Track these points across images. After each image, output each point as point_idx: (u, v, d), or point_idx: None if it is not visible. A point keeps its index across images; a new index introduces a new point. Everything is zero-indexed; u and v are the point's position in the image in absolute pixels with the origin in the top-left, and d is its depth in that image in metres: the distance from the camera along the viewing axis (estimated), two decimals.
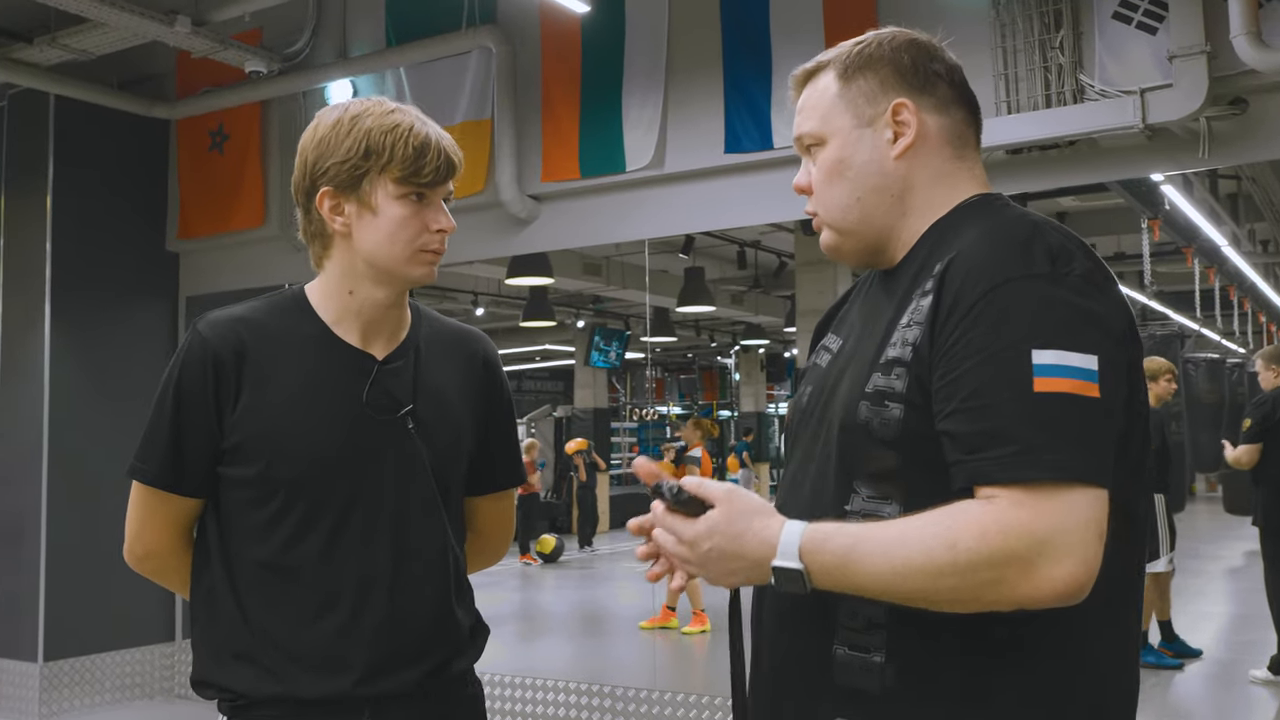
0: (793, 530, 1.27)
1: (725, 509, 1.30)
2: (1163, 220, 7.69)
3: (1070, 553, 1.19)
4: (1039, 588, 1.19)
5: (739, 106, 5.02)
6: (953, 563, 1.20)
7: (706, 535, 1.30)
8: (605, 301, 10.98)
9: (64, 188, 6.41)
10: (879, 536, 1.25)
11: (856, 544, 1.25)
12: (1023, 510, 1.19)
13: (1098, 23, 4.33)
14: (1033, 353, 1.22)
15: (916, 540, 1.22)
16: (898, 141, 1.44)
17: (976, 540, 1.19)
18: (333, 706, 1.72)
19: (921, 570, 1.21)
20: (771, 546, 1.27)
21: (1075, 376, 1.22)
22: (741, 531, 1.29)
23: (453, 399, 1.87)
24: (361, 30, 6.05)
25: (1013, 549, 1.19)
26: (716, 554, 1.30)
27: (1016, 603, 1.21)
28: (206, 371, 1.74)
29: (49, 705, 6.16)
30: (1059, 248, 1.30)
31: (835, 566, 1.26)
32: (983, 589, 1.20)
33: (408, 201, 1.75)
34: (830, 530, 1.27)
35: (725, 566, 1.31)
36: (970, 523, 1.21)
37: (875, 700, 1.32)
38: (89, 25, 5.44)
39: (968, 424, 1.24)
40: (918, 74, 1.45)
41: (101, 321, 6.55)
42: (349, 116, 1.76)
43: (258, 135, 6.42)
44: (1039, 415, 1.21)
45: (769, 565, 1.27)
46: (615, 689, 5.44)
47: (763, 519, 1.29)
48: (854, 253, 1.51)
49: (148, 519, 1.81)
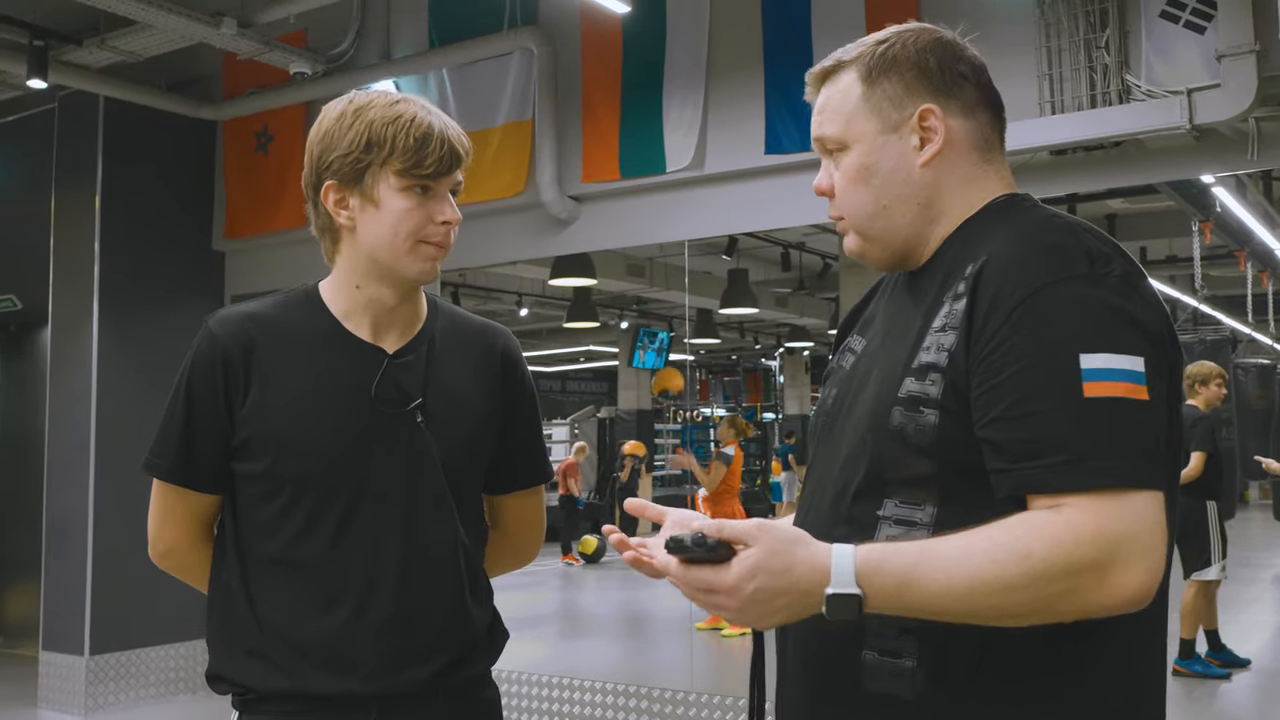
0: (844, 554, 1.20)
1: (764, 544, 1.21)
2: (1214, 223, 7.55)
3: (1142, 557, 1.16)
4: (1113, 594, 1.16)
5: (780, 107, 4.99)
6: (1027, 574, 1.16)
7: (749, 576, 1.20)
8: (649, 303, 10.98)
9: (113, 188, 6.51)
10: (940, 552, 1.20)
11: (917, 563, 1.20)
12: (1093, 516, 1.16)
13: (1145, 22, 4.26)
14: (1080, 357, 1.20)
15: (984, 554, 1.18)
16: (924, 149, 1.41)
17: (1051, 549, 1.16)
18: (340, 703, 1.71)
19: (992, 585, 1.17)
20: (825, 573, 1.20)
21: (1125, 380, 1.20)
22: (788, 566, 1.20)
23: (467, 393, 1.84)
24: (405, 32, 6.09)
25: (1088, 556, 1.15)
26: (762, 595, 1.20)
27: (1087, 612, 1.18)
28: (215, 368, 1.74)
29: (94, 698, 6.26)
30: (1096, 250, 1.27)
31: (894, 589, 1.20)
32: (1056, 599, 1.17)
33: (411, 194, 1.73)
34: (885, 551, 1.22)
35: (770, 606, 1.22)
36: (1041, 532, 1.17)
37: (906, 706, 1.30)
38: (137, 27, 5.52)
39: (1014, 431, 1.21)
40: (943, 77, 1.42)
41: (149, 320, 6.64)
42: (353, 109, 1.74)
43: (302, 136, 6.41)
44: (1092, 421, 1.18)
45: (821, 593, 1.20)
46: (655, 690, 5.43)
47: (805, 547, 1.22)
48: (880, 258, 1.48)
49: (166, 515, 1.83)
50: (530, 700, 5.75)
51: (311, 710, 1.72)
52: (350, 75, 6.02)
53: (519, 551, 2.05)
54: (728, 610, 1.22)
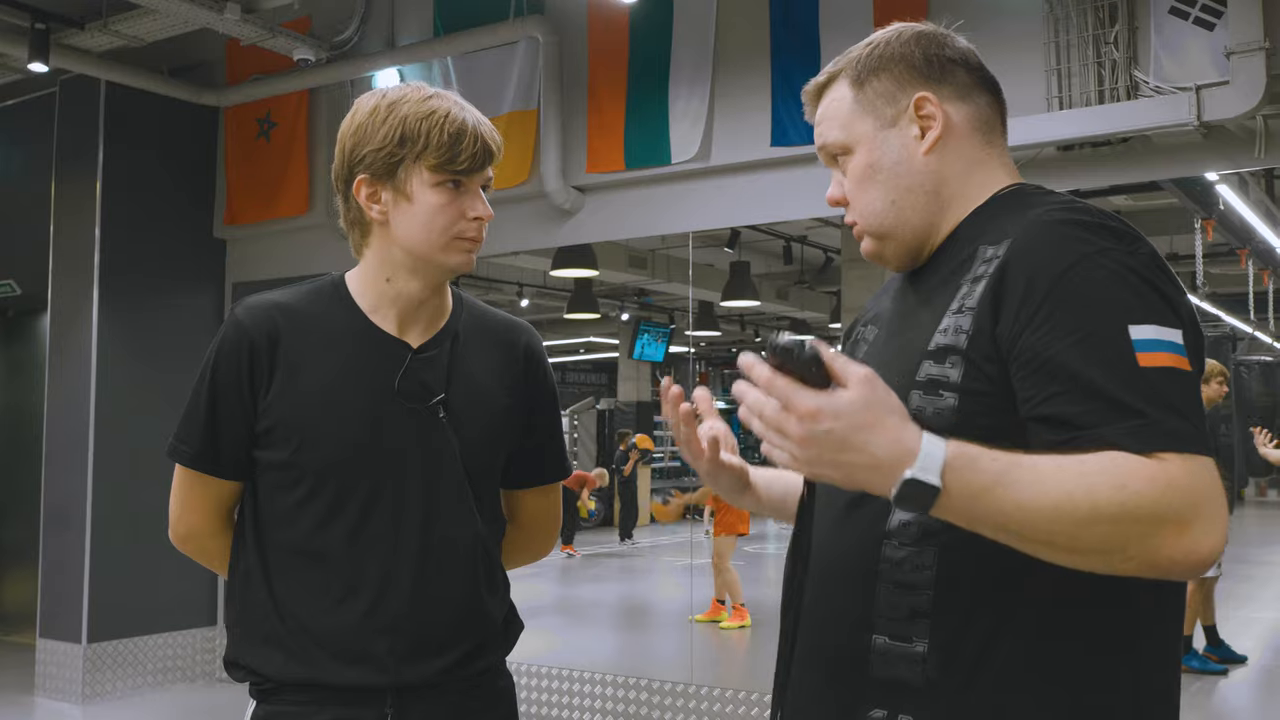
0: (936, 443, 1.13)
1: (864, 392, 1.12)
2: (1217, 221, 7.55)
3: (1215, 521, 1.15)
4: (1186, 550, 1.13)
5: (786, 99, 4.97)
6: (1120, 504, 1.12)
7: (832, 413, 1.11)
8: (650, 295, 10.96)
9: (114, 173, 6.48)
10: (1037, 465, 1.15)
11: (1010, 469, 1.13)
12: (1187, 472, 1.14)
13: (1153, 18, 4.24)
14: (1130, 328, 1.19)
15: (1080, 475, 1.13)
16: (925, 136, 1.42)
17: (1147, 485, 1.12)
18: (356, 694, 1.72)
19: (1081, 508, 1.12)
20: (909, 452, 1.11)
21: (1172, 350, 1.20)
22: (873, 424, 1.11)
23: (490, 389, 1.85)
24: (409, 19, 6.07)
25: (1176, 505, 1.13)
26: (835, 439, 1.11)
27: (1155, 564, 1.15)
28: (241, 356, 1.75)
29: (92, 686, 6.25)
30: (1120, 229, 1.28)
31: (981, 490, 1.13)
32: (1133, 541, 1.13)
33: (444, 189, 1.74)
34: (978, 451, 1.14)
35: (835, 456, 1.12)
36: (1139, 469, 1.13)
37: (917, 692, 1.29)
38: (140, 11, 5.50)
39: (1076, 404, 1.19)
40: (932, 65, 1.43)
41: (149, 306, 6.62)
42: (386, 103, 1.76)
43: (304, 123, 6.46)
44: (1151, 389, 1.17)
45: (899, 474, 1.11)
46: (654, 682, 5.43)
47: (902, 418, 1.14)
48: (896, 255, 1.48)
49: (188, 500, 1.84)
50: (530, 692, 5.75)
51: (328, 700, 1.72)
52: (354, 62, 6.00)
53: (535, 546, 2.07)
54: (790, 439, 1.13)
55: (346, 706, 1.72)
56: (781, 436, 1.13)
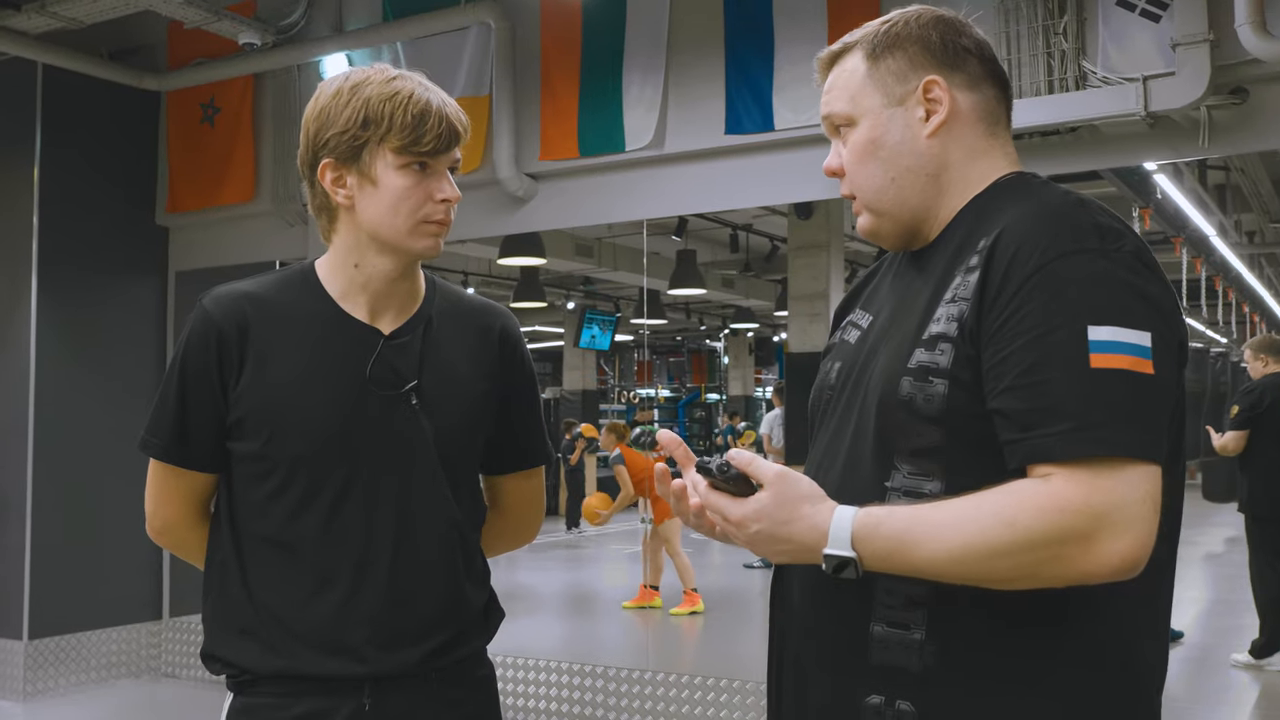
0: (843, 516, 1.27)
1: (774, 492, 1.29)
2: (1153, 209, 7.72)
3: (1128, 528, 1.19)
4: (1098, 563, 1.19)
5: (740, 87, 4.99)
6: (1011, 541, 1.19)
7: (754, 518, 1.29)
8: (596, 283, 10.95)
9: (51, 159, 6.32)
10: (933, 519, 1.24)
11: (910, 528, 1.24)
12: (1080, 486, 1.19)
13: (1101, 9, 4.32)
14: (1088, 329, 1.22)
15: (973, 521, 1.21)
16: (930, 119, 1.43)
17: (1034, 518, 1.19)
18: (334, 684, 1.71)
19: (979, 551, 1.21)
20: (822, 534, 1.27)
21: (1130, 353, 1.22)
22: (790, 518, 1.28)
23: (464, 374, 1.83)
24: (358, 3, 5.97)
25: (1071, 525, 1.18)
26: (764, 536, 1.29)
27: (1074, 579, 1.21)
28: (210, 347, 1.73)
29: (34, 684, 6.11)
30: (1106, 225, 1.30)
31: (889, 552, 1.25)
32: (1041, 566, 1.20)
33: (409, 171, 1.72)
34: (881, 515, 1.27)
35: (774, 548, 1.31)
36: (1027, 501, 1.20)
37: (914, 678, 1.31)
38: None
39: (1022, 401, 1.23)
40: (947, 51, 1.45)
41: (89, 296, 6.47)
42: (349, 86, 1.73)
43: (250, 109, 6.35)
44: (1095, 392, 1.21)
45: (820, 551, 1.27)
46: (607, 669, 5.44)
47: (812, 505, 1.28)
48: (892, 234, 1.50)
49: (162, 493, 1.82)
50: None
51: (306, 691, 1.71)
52: (301, 47, 5.91)
53: (518, 532, 2.06)
54: (737, 540, 1.33)
55: (325, 697, 1.70)
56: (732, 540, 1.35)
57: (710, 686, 5.12)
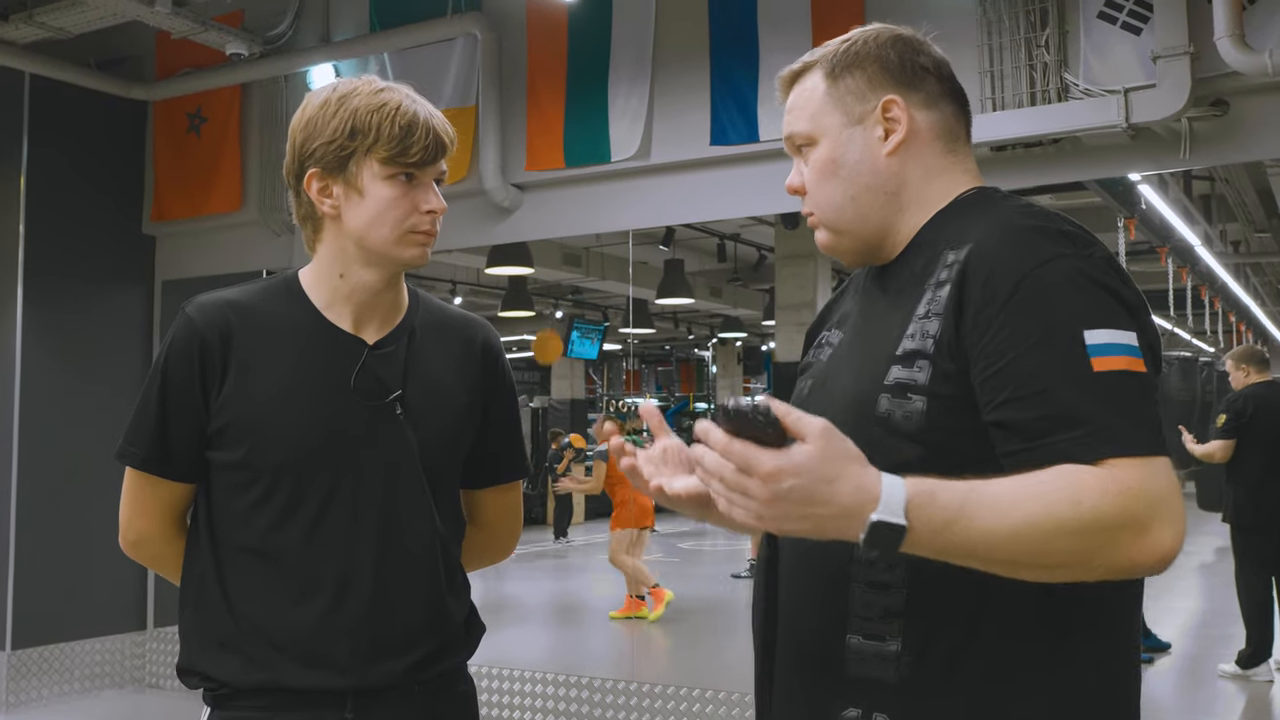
0: (895, 483, 1.15)
1: (821, 445, 1.13)
2: (1138, 220, 7.74)
3: (1174, 518, 1.18)
4: (1149, 551, 1.17)
5: (725, 99, 5.00)
6: (1077, 520, 1.15)
7: (794, 470, 1.12)
8: (584, 293, 10.95)
9: (38, 168, 6.32)
10: (992, 492, 1.17)
11: (968, 500, 1.16)
12: (1136, 474, 1.18)
13: (1083, 22, 4.35)
14: (1085, 333, 1.22)
15: (1037, 497, 1.16)
16: (889, 138, 1.44)
17: (1099, 498, 1.16)
18: (314, 697, 1.69)
19: (1043, 528, 1.16)
20: (873, 497, 1.13)
21: (1126, 354, 1.23)
22: (837, 475, 1.13)
23: (447, 385, 1.83)
24: (345, 14, 6.00)
25: (1133, 510, 1.16)
26: (799, 494, 1.13)
27: (1121, 567, 1.19)
28: (192, 355, 1.72)
29: (16, 694, 6.09)
30: (1075, 233, 1.31)
31: (944, 524, 1.15)
32: (1097, 551, 1.17)
33: (396, 182, 1.72)
34: (935, 485, 1.17)
35: (801, 510, 1.14)
36: (1089, 483, 1.17)
37: (890, 690, 1.31)
38: (67, 3, 5.36)
39: (1029, 411, 1.22)
40: (905, 70, 1.46)
41: (75, 305, 6.46)
42: (337, 96, 1.74)
43: (237, 119, 6.35)
44: (1106, 394, 1.21)
45: (865, 518, 1.13)
46: (593, 680, 5.44)
47: (861, 465, 1.16)
48: (851, 251, 1.51)
49: (139, 504, 1.80)
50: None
51: (286, 705, 1.69)
52: (288, 57, 5.92)
53: (497, 546, 2.05)
54: (751, 501, 1.14)
55: (306, 710, 1.69)
56: (745, 498, 1.14)
57: (695, 697, 5.12)
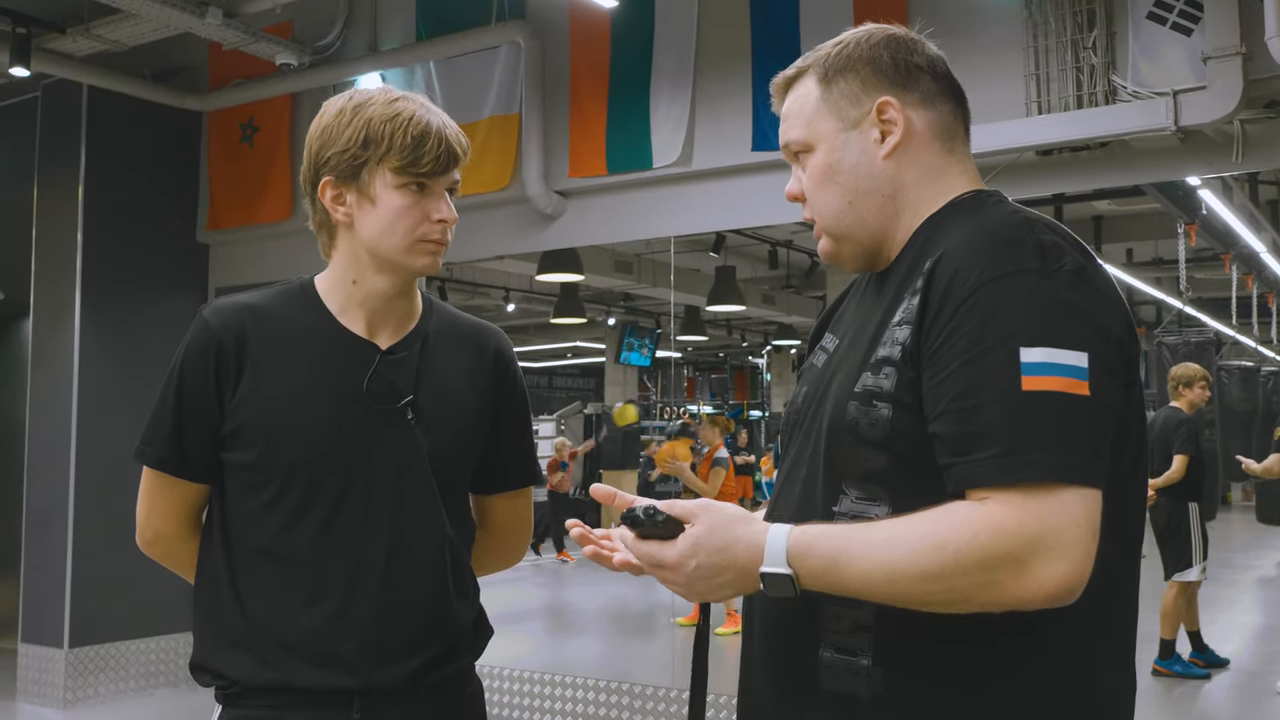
0: (778, 535, 1.25)
1: (706, 521, 1.28)
2: (1200, 225, 7.58)
3: (1063, 553, 1.16)
4: (1031, 588, 1.17)
5: (767, 104, 4.93)
6: (941, 564, 1.17)
7: (691, 553, 1.27)
8: (636, 299, 10.97)
9: (95, 178, 6.46)
10: (866, 539, 1.23)
11: (845, 547, 1.23)
12: (1013, 510, 1.17)
13: (1132, 23, 4.26)
14: (1021, 350, 1.20)
15: (904, 543, 1.20)
16: (885, 141, 1.42)
17: (967, 542, 1.17)
18: (323, 697, 1.71)
19: (910, 573, 1.19)
20: (759, 551, 1.25)
21: (1064, 374, 1.20)
22: (726, 542, 1.27)
23: (459, 391, 1.85)
24: (392, 24, 6.07)
25: (1005, 549, 1.16)
26: (704, 569, 1.27)
27: (1008, 604, 1.18)
28: (208, 357, 1.75)
29: (73, 691, 6.22)
30: (1050, 244, 1.27)
31: (823, 570, 1.23)
32: (974, 590, 1.18)
33: (407, 191, 1.74)
34: (816, 533, 1.25)
35: (713, 581, 1.28)
36: (960, 524, 1.18)
37: (863, 705, 1.30)
38: (121, 16, 5.48)
39: (955, 425, 1.22)
40: (899, 70, 1.43)
41: (131, 312, 6.60)
42: (352, 105, 1.76)
43: (287, 128, 6.45)
44: (1027, 415, 1.19)
45: (756, 572, 1.25)
46: (644, 688, 5.42)
47: (745, 525, 1.27)
48: (852, 257, 1.49)
49: (155, 503, 1.84)
50: (513, 696, 5.74)
51: (295, 704, 1.71)
52: (337, 67, 6.00)
53: (506, 552, 2.06)
54: (675, 585, 1.29)
55: (314, 710, 1.71)
56: (672, 585, 1.30)
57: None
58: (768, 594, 1.26)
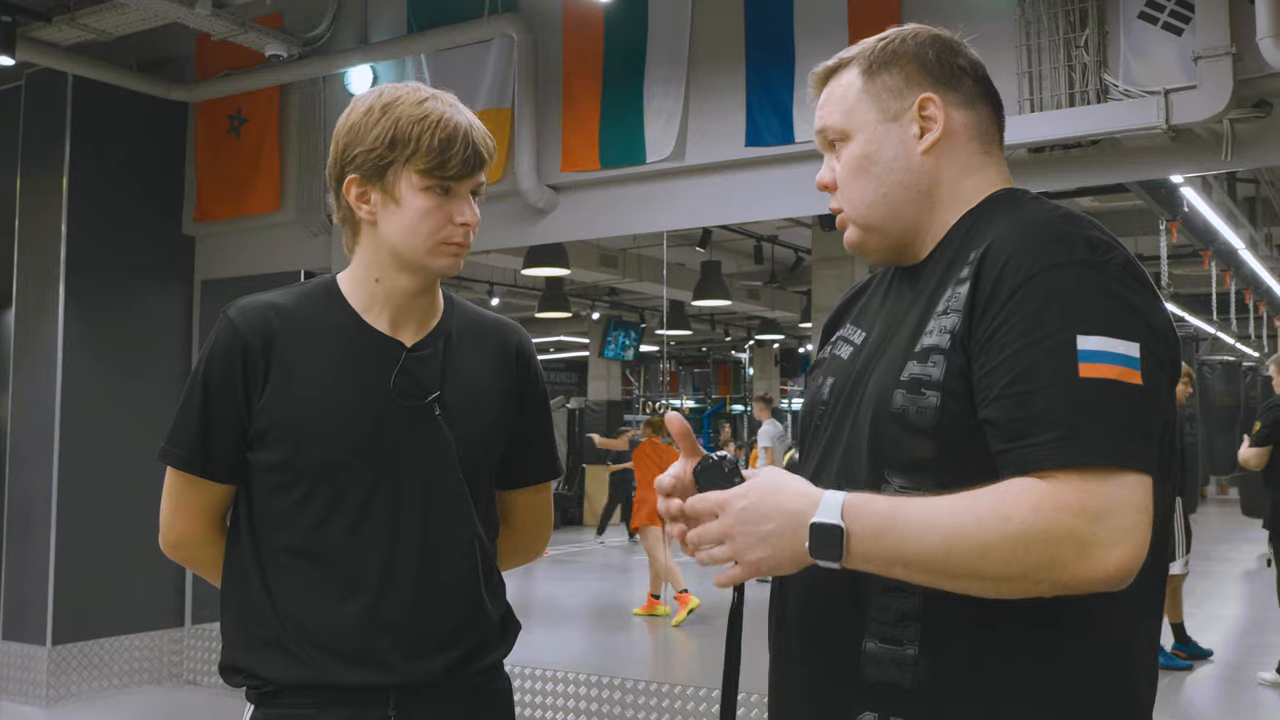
0: (834, 492, 1.25)
1: (765, 473, 1.29)
2: (1181, 222, 7.65)
3: (1126, 535, 1.17)
4: (1095, 569, 1.16)
5: (761, 99, 4.99)
6: (1004, 536, 1.17)
7: (743, 492, 1.27)
8: (620, 294, 10.97)
9: (80, 169, 6.40)
10: (927, 504, 1.22)
11: (902, 509, 1.22)
12: (1075, 490, 1.17)
13: (1123, 22, 4.30)
14: (1077, 338, 1.21)
15: (968, 510, 1.19)
16: (925, 136, 1.43)
17: (1031, 514, 1.16)
18: (357, 694, 1.71)
19: (971, 541, 1.18)
20: (812, 501, 1.24)
21: (1119, 363, 1.21)
22: (780, 486, 1.27)
23: (484, 387, 1.85)
24: (383, 16, 6.04)
25: (1068, 527, 1.16)
26: (751, 512, 1.26)
27: (1065, 584, 1.18)
28: (234, 357, 1.74)
29: (56, 689, 6.17)
30: (1096, 238, 1.29)
31: (878, 530, 1.21)
32: (1032, 568, 1.17)
33: (432, 194, 1.74)
34: (872, 495, 1.25)
35: (757, 529, 1.26)
36: (1022, 499, 1.18)
37: (907, 694, 1.30)
38: (108, 5, 5.43)
39: (1011, 411, 1.22)
40: (943, 69, 1.45)
41: (116, 304, 6.54)
42: (381, 104, 1.75)
43: (276, 119, 6.41)
44: (1085, 401, 1.19)
45: (807, 522, 1.23)
46: (625, 681, 5.43)
47: (801, 482, 1.29)
48: (879, 249, 1.50)
49: (180, 505, 1.82)
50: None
51: (329, 702, 1.71)
52: (326, 59, 5.96)
53: (528, 546, 2.07)
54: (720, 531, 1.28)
55: (349, 707, 1.71)
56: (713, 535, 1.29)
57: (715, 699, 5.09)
58: (813, 553, 1.23)
